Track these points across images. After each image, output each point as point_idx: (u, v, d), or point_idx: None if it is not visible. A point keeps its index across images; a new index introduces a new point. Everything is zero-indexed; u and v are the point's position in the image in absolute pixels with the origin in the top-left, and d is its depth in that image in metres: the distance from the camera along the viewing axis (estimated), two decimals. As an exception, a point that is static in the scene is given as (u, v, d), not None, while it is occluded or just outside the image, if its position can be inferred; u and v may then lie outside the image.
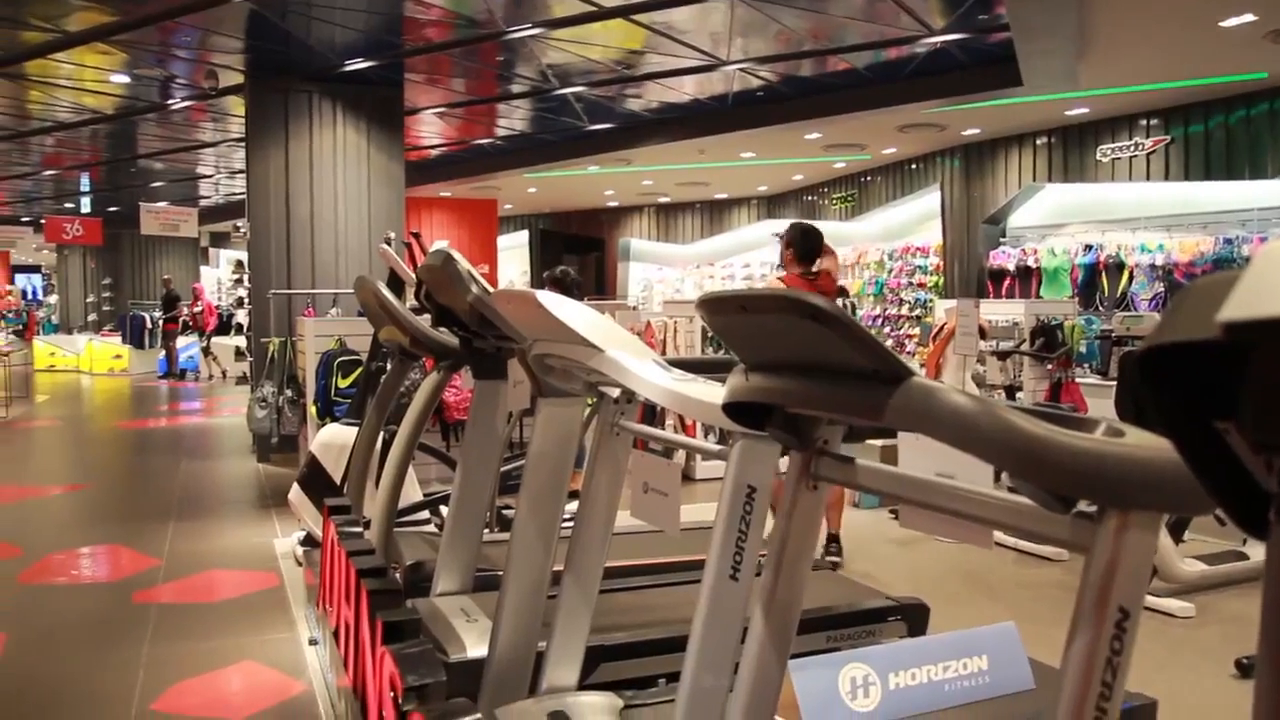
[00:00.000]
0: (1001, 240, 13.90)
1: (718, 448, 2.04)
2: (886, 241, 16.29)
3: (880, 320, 15.83)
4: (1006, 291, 13.27)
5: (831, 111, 11.15)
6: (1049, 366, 8.07)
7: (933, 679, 2.38)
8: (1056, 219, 13.34)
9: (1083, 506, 1.15)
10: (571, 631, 2.52)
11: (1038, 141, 13.01)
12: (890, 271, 15.98)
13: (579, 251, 22.48)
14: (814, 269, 5.84)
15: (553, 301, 2.04)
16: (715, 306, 1.51)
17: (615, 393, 2.29)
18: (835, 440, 1.67)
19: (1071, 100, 10.98)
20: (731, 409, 1.63)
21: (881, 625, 3.28)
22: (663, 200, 20.73)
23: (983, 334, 7.84)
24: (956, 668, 2.41)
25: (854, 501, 7.18)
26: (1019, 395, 8.17)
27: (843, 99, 10.86)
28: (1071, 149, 12.60)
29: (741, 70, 9.98)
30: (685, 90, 11.00)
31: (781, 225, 18.63)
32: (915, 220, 15.75)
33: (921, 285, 15.33)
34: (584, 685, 2.60)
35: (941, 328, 7.92)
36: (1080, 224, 12.96)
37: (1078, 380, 8.27)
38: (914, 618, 3.32)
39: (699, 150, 13.84)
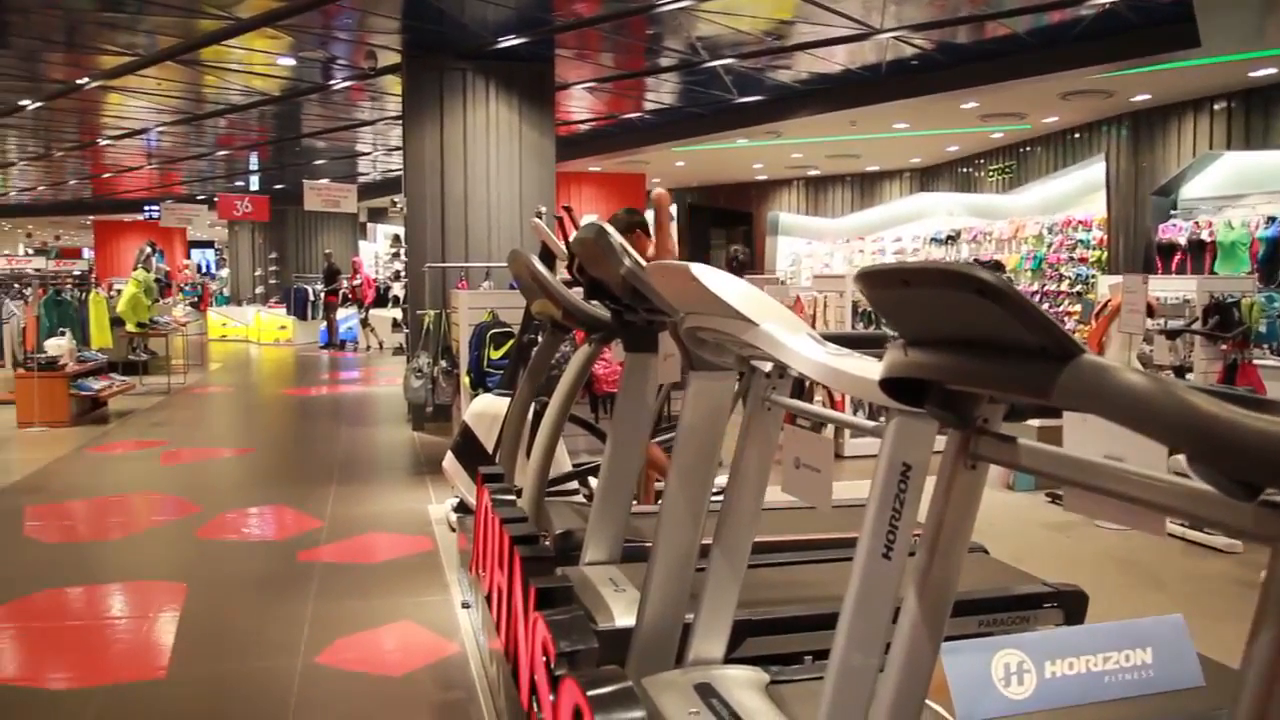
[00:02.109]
0: (1172, 213, 13.18)
1: (871, 424, 2.00)
2: (1046, 214, 15.67)
3: (1038, 296, 15.26)
4: (1177, 267, 12.60)
5: (989, 79, 10.76)
6: (1223, 347, 7.63)
7: (1092, 669, 2.29)
8: (1235, 189, 12.55)
9: (1269, 495, 1.08)
10: (719, 605, 2.53)
11: (1215, 107, 12.26)
12: (1049, 246, 15.37)
13: (726, 225, 22.38)
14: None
15: (707, 274, 2.03)
16: (875, 280, 1.47)
17: (767, 367, 2.27)
18: (996, 419, 1.62)
19: (1256, 60, 10.28)
20: (889, 385, 1.60)
21: (1036, 612, 3.18)
22: (812, 173, 20.44)
23: (1150, 312, 7.46)
24: (1118, 659, 2.31)
25: (1008, 483, 6.97)
26: (1189, 377, 7.75)
27: (1002, 66, 10.47)
28: (1255, 114, 11.82)
29: (895, 38, 9.73)
30: (836, 60, 10.79)
31: (935, 199, 18.12)
32: (1077, 192, 15.08)
33: (1083, 260, 14.70)
34: (730, 659, 2.60)
35: (1105, 305, 7.58)
36: (1262, 195, 12.17)
37: (1255, 362, 7.79)
38: (1071, 606, 3.20)
39: (850, 122, 13.57)
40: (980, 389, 1.53)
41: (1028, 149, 15.98)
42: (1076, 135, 14.69)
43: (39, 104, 13.24)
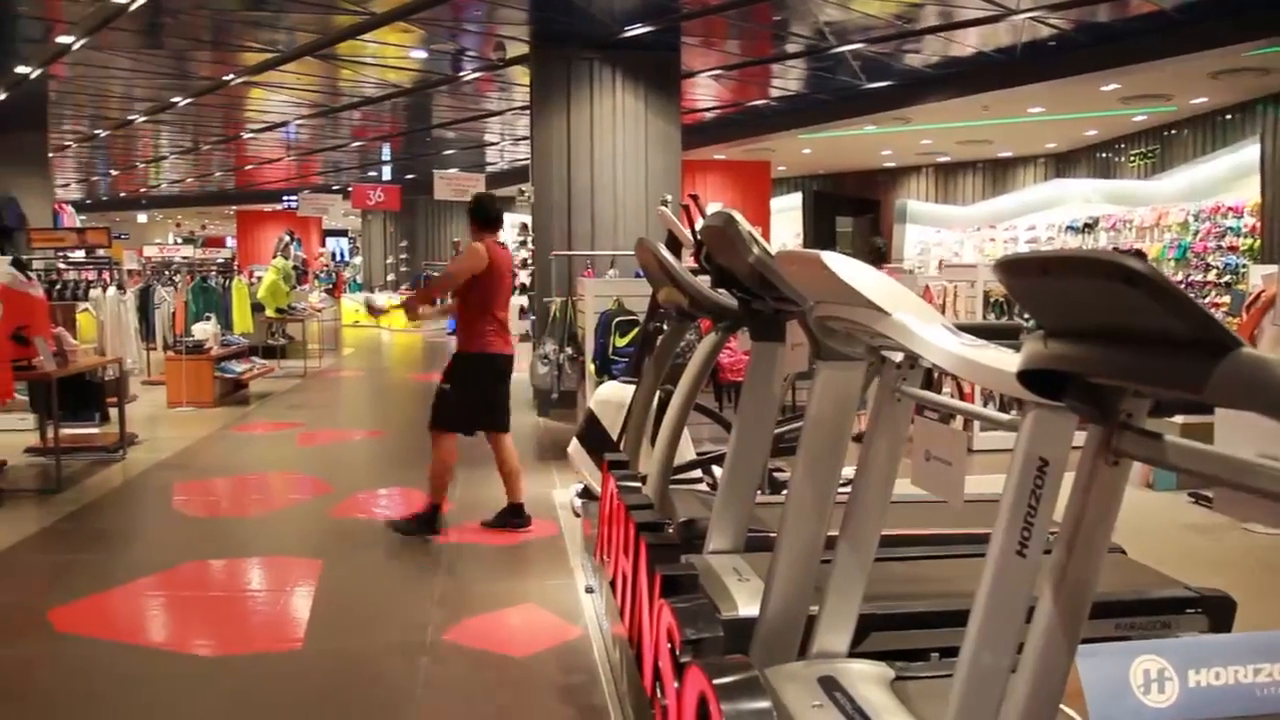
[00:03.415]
0: (1333, 198, 12.44)
1: (1006, 417, 1.95)
2: (1191, 201, 14.95)
3: (1183, 287, 14.57)
4: (1337, 256, 11.89)
5: (1132, 60, 10.31)
6: (1387, 341, 7.17)
7: (1240, 681, 2.19)
8: (1401, 173, 11.79)
9: None
10: (844, 597, 2.50)
11: (1387, 84, 11.51)
12: (1195, 234, 14.67)
13: (853, 213, 22.04)
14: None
15: (838, 263, 2.00)
16: (1015, 269, 1.43)
17: (898, 357, 2.23)
18: (1140, 414, 1.56)
19: None
20: (1027, 377, 1.56)
21: (1178, 617, 3.05)
22: (942, 159, 19.97)
23: (1307, 303, 7.05)
24: (1270, 671, 2.20)
25: (1148, 482, 6.69)
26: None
27: (1146, 45, 10.01)
28: None
29: (1031, 19, 9.41)
30: (969, 43, 10.50)
31: (1071, 185, 17.49)
32: (1227, 177, 14.34)
33: (1233, 249, 13.98)
34: (854, 653, 2.57)
35: (1257, 296, 7.20)
36: None
37: None
38: (1217, 612, 3.06)
39: (983, 106, 13.20)
40: (1125, 382, 1.47)
41: (1173, 132, 15.28)
42: (1227, 117, 13.98)
43: (188, 100, 13.87)
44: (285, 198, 26.31)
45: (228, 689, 3.84)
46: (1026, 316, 1.97)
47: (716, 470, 4.76)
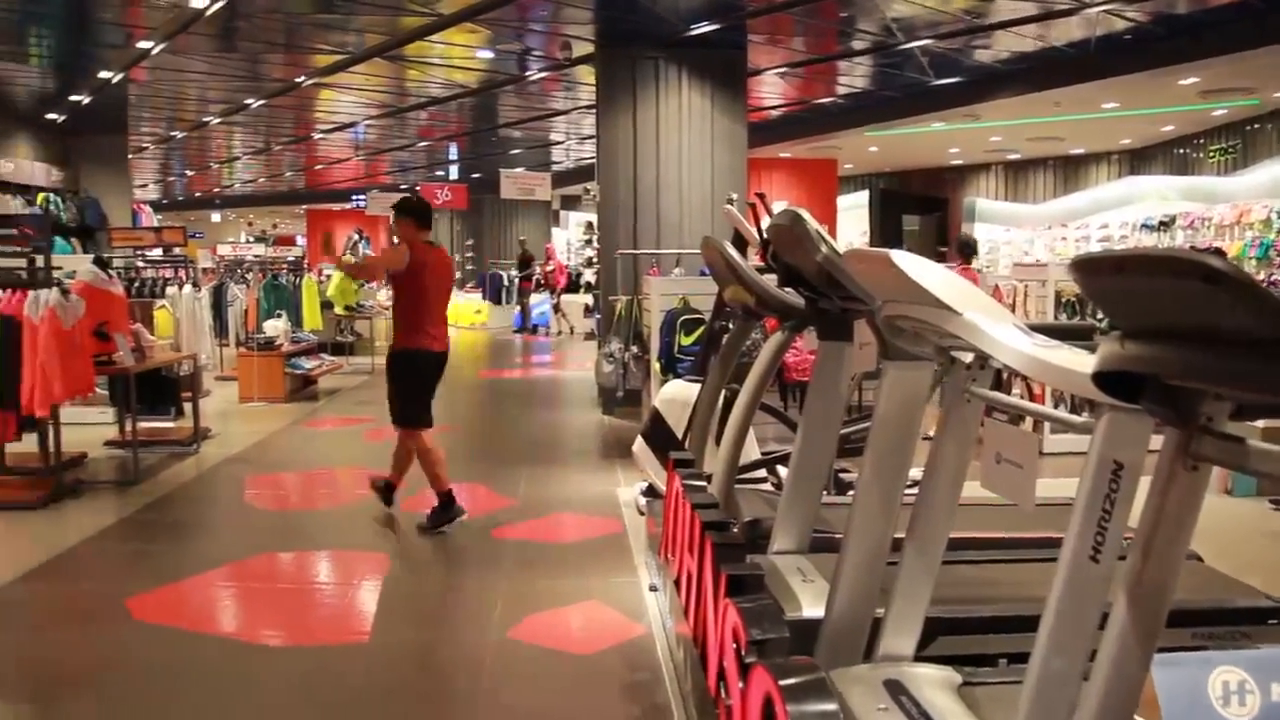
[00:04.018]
0: None
1: (1080, 420, 1.91)
2: (1275, 198, 14.51)
3: (1266, 286, 14.16)
4: None
5: (1213, 52, 10.04)
6: None
7: (1328, 696, 2.11)
8: None
9: None
10: (910, 600, 2.47)
11: None
12: (1278, 231, 14.25)
13: (921, 212, 21.79)
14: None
15: (908, 262, 1.98)
16: (1091, 268, 1.41)
17: (968, 358, 2.20)
18: (1221, 417, 1.52)
19: None
20: (1102, 378, 1.53)
21: (1259, 628, 2.97)
22: (1012, 157, 19.66)
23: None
24: (1361, 686, 2.13)
25: (1227, 488, 6.52)
26: None
27: (1228, 35, 9.72)
28: None
29: (1106, 12, 9.21)
30: (1041, 38, 10.30)
31: (1146, 182, 17.08)
32: (1312, 173, 13.92)
33: (1318, 247, 13.56)
34: (920, 656, 2.54)
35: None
36: None
37: None
38: (1300, 623, 2.97)
39: (1054, 102, 12.96)
40: (1205, 385, 1.44)
41: (1255, 126, 14.87)
42: (1313, 111, 13.59)
43: (261, 102, 14.15)
44: (354, 197, 26.73)
45: (296, 679, 3.91)
46: (1100, 317, 1.92)
47: (781, 470, 4.73)
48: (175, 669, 4.08)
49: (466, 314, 22.95)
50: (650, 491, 5.61)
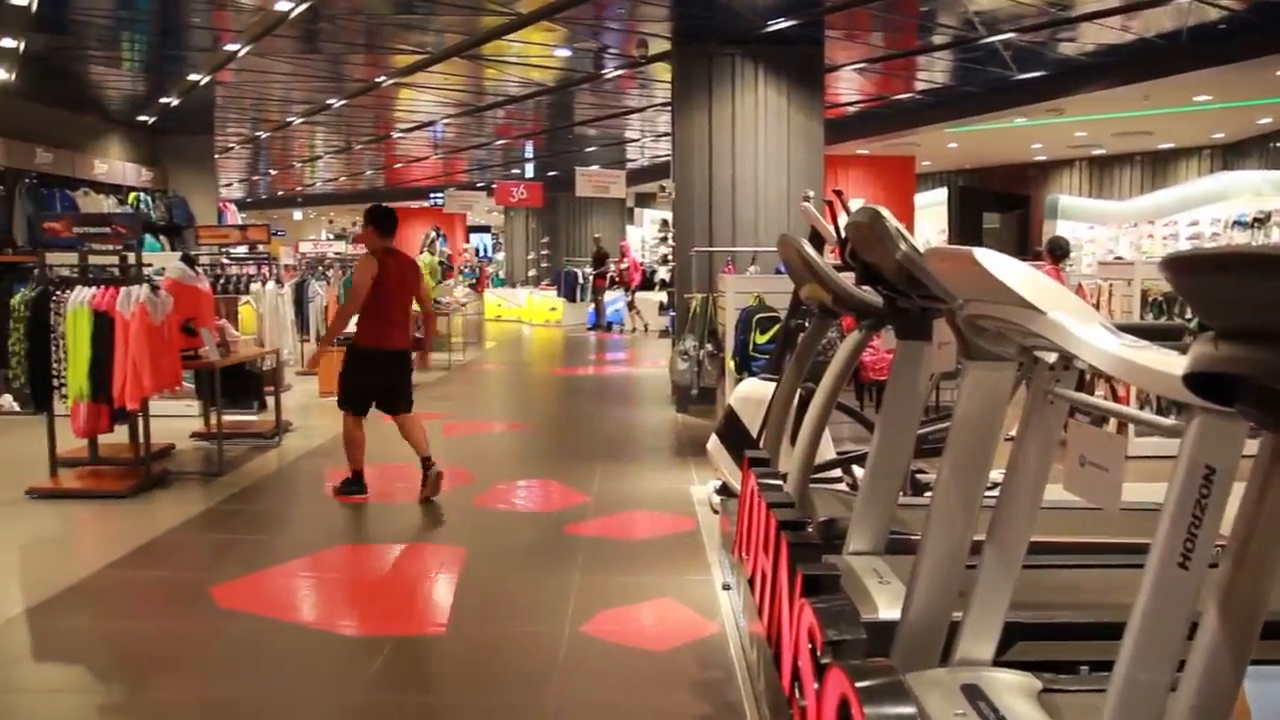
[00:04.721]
0: None
1: (1170, 422, 1.86)
2: (1376, 194, 14.01)
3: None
4: None
5: (1313, 41, 9.69)
6: None
7: None
8: None
9: None
10: (989, 604, 2.42)
11: None
12: (1381, 229, 13.74)
13: (1001, 209, 21.41)
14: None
15: (992, 260, 1.94)
16: (1185, 266, 1.36)
17: (1051, 358, 2.15)
18: (1322, 422, 1.46)
19: None
20: (1194, 380, 1.48)
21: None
22: (1097, 152, 19.22)
23: None
24: None
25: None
26: None
27: (1332, 24, 9.39)
28: None
29: (1199, 1, 8.94)
30: (1129, 28, 10.04)
31: (1240, 177, 16.56)
32: None
33: None
34: (999, 661, 2.49)
35: None
36: None
37: None
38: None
39: (1143, 96, 12.62)
40: (1305, 388, 1.38)
41: (1356, 120, 14.34)
42: None
43: (342, 102, 14.41)
44: (432, 194, 27.11)
45: (375, 668, 3.98)
46: (1189, 316, 1.87)
47: (857, 470, 4.69)
48: (257, 655, 4.18)
49: (541, 311, 23.14)
50: (724, 490, 5.60)
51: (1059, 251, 8.94)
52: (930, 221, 21.66)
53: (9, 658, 4.17)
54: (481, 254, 34.69)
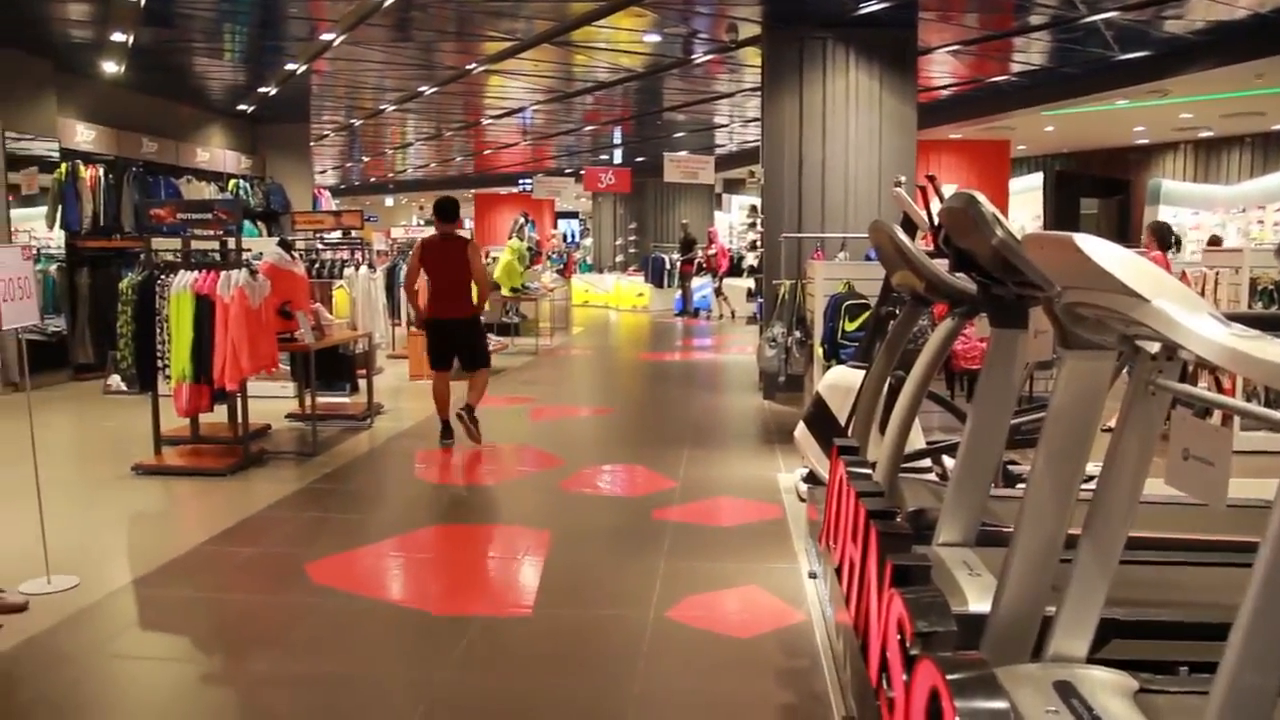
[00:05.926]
0: None
1: (1281, 416, 1.78)
2: None
3: None
4: None
5: None
6: None
7: None
8: None
9: None
10: (1084, 600, 2.36)
11: None
12: None
13: (1100, 194, 20.79)
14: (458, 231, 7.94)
15: (1094, 246, 1.88)
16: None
17: (1154, 347, 2.08)
18: None
19: None
20: (1310, 373, 1.42)
21: None
22: (1204, 135, 18.49)
23: None
24: None
25: None
26: None
27: None
28: None
29: (1318, -24, 8.55)
30: (1241, 3, 9.64)
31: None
32: None
33: None
34: (1093, 659, 2.43)
35: None
36: None
37: None
38: None
39: (1256, 75, 12.09)
40: None
41: None
42: None
43: (434, 89, 14.60)
44: (520, 181, 27.32)
45: (463, 647, 4.05)
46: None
47: (947, 460, 4.61)
48: (349, 630, 4.28)
49: (628, 297, 23.19)
50: (811, 478, 5.56)
51: (1164, 238, 8.65)
52: (1025, 207, 21.11)
53: (116, 626, 4.35)
54: (569, 240, 34.88)
